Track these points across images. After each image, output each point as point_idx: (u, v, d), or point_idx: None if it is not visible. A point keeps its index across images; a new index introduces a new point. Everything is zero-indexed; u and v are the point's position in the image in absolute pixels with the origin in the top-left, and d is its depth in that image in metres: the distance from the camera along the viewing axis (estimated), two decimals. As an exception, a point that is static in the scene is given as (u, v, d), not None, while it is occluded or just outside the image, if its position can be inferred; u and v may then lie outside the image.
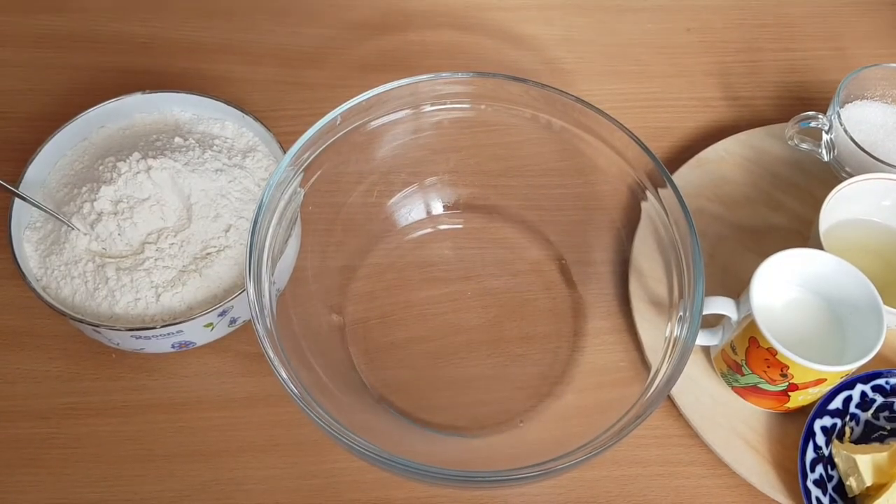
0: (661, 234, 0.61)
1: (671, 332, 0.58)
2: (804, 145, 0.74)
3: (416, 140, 0.67)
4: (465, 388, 0.65)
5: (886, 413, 0.62)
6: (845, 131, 0.71)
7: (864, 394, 0.62)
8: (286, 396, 0.52)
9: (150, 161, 0.63)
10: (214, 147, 0.67)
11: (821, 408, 0.61)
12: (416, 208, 0.72)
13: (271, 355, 0.53)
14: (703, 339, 0.64)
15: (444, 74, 0.63)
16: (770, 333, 0.57)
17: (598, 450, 0.51)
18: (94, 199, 0.62)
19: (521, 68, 0.83)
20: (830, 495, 0.59)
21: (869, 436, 0.62)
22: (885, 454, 0.58)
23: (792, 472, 0.61)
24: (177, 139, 0.66)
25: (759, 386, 0.60)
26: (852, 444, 0.61)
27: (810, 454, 0.60)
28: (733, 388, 0.63)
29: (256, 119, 0.69)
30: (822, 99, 0.84)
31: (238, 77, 0.81)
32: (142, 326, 0.59)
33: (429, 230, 0.72)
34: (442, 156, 0.70)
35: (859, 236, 0.69)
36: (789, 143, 0.75)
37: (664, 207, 0.59)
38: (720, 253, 0.71)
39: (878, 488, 0.58)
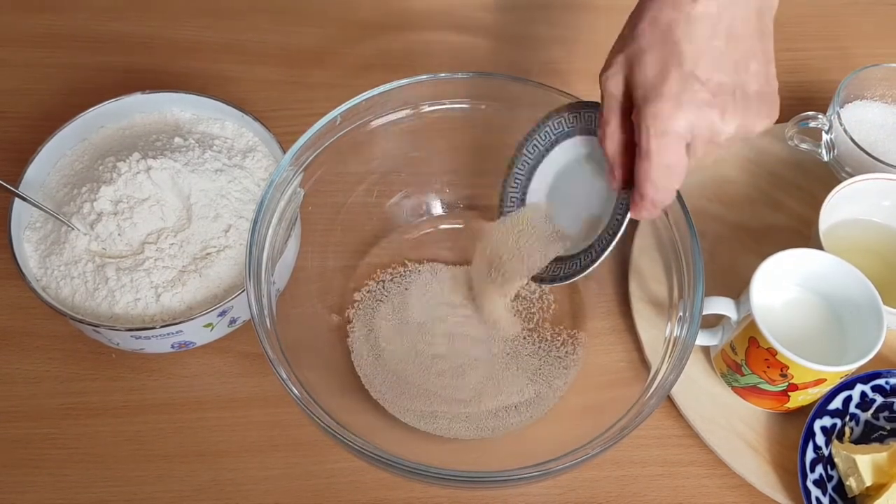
0: (661, 234, 0.61)
1: (671, 333, 0.58)
2: (804, 145, 0.74)
3: (416, 140, 0.67)
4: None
5: (886, 413, 0.62)
6: (845, 131, 0.71)
7: (863, 394, 0.62)
8: (286, 396, 0.52)
9: (150, 161, 0.63)
10: (214, 147, 0.67)
11: (820, 408, 0.61)
12: (416, 208, 0.72)
13: (271, 355, 0.53)
14: (702, 339, 0.63)
15: (443, 74, 0.63)
16: (770, 333, 0.57)
17: (598, 450, 0.51)
18: (94, 200, 0.62)
19: (520, 68, 0.83)
20: (830, 495, 0.59)
21: (869, 436, 0.62)
22: (884, 454, 0.58)
23: (792, 472, 0.61)
24: (176, 139, 0.66)
25: (759, 386, 0.60)
26: (852, 445, 0.61)
27: (810, 454, 0.60)
28: (733, 388, 0.63)
29: (256, 119, 0.68)
30: (823, 99, 0.84)
31: (238, 77, 0.81)
32: (141, 326, 0.59)
33: (429, 230, 0.72)
34: (442, 156, 0.70)
35: (859, 236, 0.69)
36: (789, 143, 0.75)
37: (664, 207, 0.59)
38: (720, 253, 0.71)
39: (878, 488, 0.58)
